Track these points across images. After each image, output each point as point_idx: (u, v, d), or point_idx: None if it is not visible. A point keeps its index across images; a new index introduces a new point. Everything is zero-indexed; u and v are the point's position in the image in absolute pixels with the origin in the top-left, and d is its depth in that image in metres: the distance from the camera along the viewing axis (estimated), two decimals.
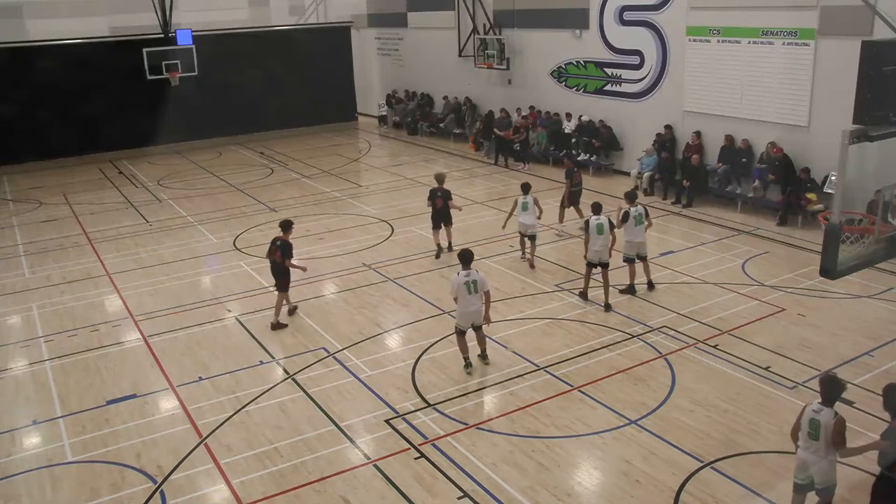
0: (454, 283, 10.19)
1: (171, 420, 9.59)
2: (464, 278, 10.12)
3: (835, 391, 6.82)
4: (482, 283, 10.23)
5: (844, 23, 15.17)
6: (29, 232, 18.01)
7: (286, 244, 12.13)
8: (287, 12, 32.77)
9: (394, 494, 7.98)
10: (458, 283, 10.12)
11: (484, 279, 10.33)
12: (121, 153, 26.14)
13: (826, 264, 7.86)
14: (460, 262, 10.37)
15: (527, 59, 24.26)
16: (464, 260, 10.32)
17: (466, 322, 10.31)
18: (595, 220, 12.36)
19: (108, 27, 27.84)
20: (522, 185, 14.89)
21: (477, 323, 10.38)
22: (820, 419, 6.73)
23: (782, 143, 16.70)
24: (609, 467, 8.35)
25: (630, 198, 13.02)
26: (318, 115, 29.85)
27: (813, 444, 6.81)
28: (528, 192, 14.52)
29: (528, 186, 14.76)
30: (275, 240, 12.22)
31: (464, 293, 10.10)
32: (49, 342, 11.97)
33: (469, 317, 10.26)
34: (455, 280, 10.18)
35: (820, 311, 12.05)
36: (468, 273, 10.18)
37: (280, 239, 12.14)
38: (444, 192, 14.87)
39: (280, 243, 12.08)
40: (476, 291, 10.17)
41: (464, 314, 10.23)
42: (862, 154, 10.76)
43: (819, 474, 6.86)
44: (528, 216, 14.28)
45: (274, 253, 12.08)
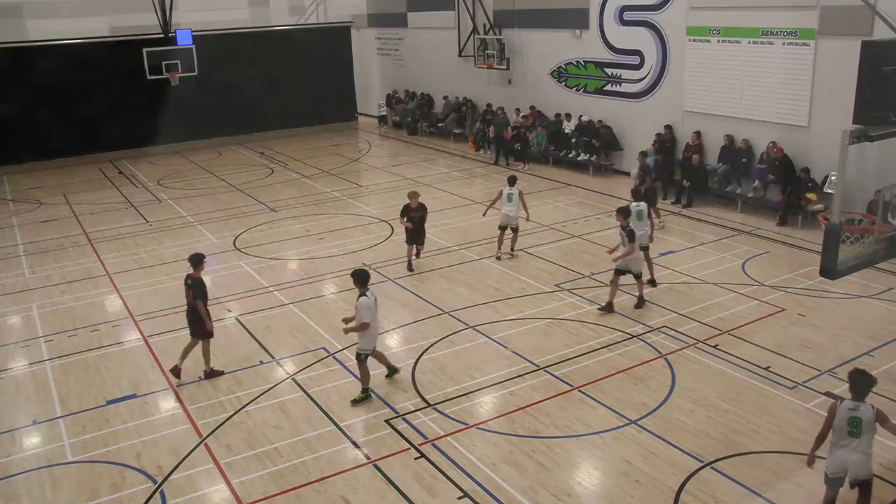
0: (368, 305, 9.39)
1: (171, 420, 9.58)
2: (372, 299, 9.48)
3: (867, 386, 6.94)
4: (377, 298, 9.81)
5: (844, 23, 15.17)
6: (29, 232, 18.01)
7: (198, 282, 10.33)
8: (287, 12, 32.78)
9: (394, 494, 7.98)
10: (371, 305, 9.44)
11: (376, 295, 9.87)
12: (121, 153, 26.14)
13: (826, 264, 7.86)
14: (358, 283, 9.51)
15: (527, 59, 24.26)
16: (362, 281, 9.52)
17: (373, 343, 9.78)
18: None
19: (108, 27, 27.85)
20: (509, 177, 15.00)
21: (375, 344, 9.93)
22: (861, 416, 6.80)
23: (782, 143, 16.70)
24: (609, 467, 8.35)
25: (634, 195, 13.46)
26: (318, 115, 29.86)
27: (853, 441, 6.84)
28: (514, 185, 14.66)
29: (515, 179, 14.92)
30: (186, 278, 10.50)
31: (374, 315, 9.55)
32: (49, 342, 11.97)
33: (376, 337, 9.84)
34: (367, 303, 9.40)
35: (820, 311, 12.05)
36: (371, 293, 9.56)
37: (191, 277, 10.36)
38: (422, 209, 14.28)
39: (191, 282, 10.31)
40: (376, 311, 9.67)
41: (372, 336, 9.66)
42: (862, 154, 10.76)
43: (859, 468, 6.90)
44: (513, 208, 14.44)
45: (187, 294, 10.37)
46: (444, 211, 18.17)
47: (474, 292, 13.22)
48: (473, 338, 11.47)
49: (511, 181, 14.79)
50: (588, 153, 21.51)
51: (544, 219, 17.31)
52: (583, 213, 17.75)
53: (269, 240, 16.64)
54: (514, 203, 14.44)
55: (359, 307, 9.42)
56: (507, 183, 14.76)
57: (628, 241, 11.87)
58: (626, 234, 11.89)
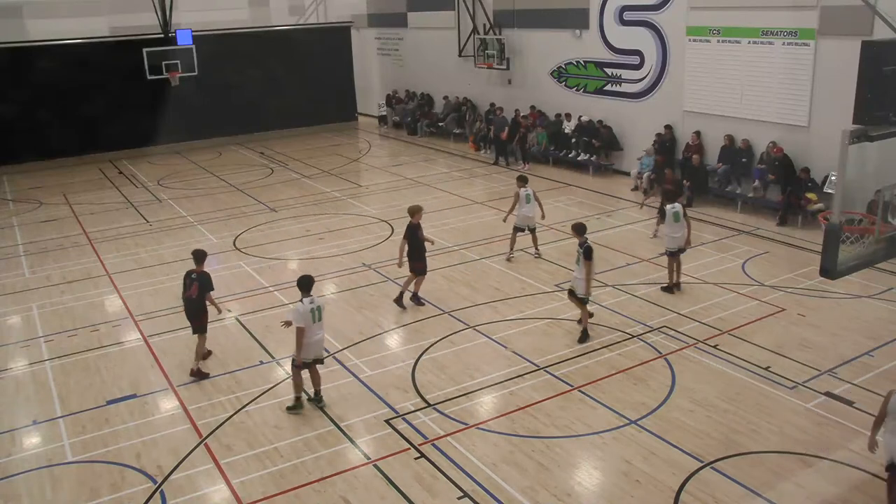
0: (301, 311, 9.17)
1: (171, 420, 9.58)
2: (309, 306, 9.24)
3: None
4: (323, 309, 9.51)
5: (844, 23, 15.17)
6: (29, 232, 18.00)
7: (204, 275, 10.53)
8: (287, 12, 32.78)
9: (394, 494, 7.98)
10: (304, 311, 9.17)
11: (324, 305, 9.60)
12: (121, 153, 26.14)
13: (826, 264, 7.85)
14: (301, 288, 9.39)
15: (527, 59, 24.26)
16: (306, 286, 9.38)
17: (310, 353, 9.38)
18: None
19: (108, 27, 27.85)
20: (521, 177, 14.86)
21: (319, 355, 9.56)
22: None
23: (782, 143, 16.70)
24: (609, 467, 8.35)
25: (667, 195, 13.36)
26: (318, 115, 29.86)
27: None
28: (528, 184, 14.61)
29: (526, 178, 14.87)
30: (189, 273, 10.61)
31: (309, 322, 9.24)
32: (49, 342, 11.97)
33: (314, 347, 9.39)
34: (301, 309, 9.18)
35: (820, 311, 12.05)
36: (311, 300, 9.31)
37: (196, 272, 10.53)
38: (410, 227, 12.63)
39: (196, 276, 10.48)
40: (320, 319, 9.41)
41: (308, 345, 9.29)
42: (862, 154, 10.76)
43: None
44: (531, 208, 14.41)
45: (190, 288, 10.46)
46: (444, 211, 18.17)
47: (474, 292, 13.22)
48: (473, 338, 11.47)
49: (523, 181, 14.67)
50: (588, 153, 21.51)
51: (544, 219, 17.29)
52: (583, 214, 17.73)
53: (269, 240, 16.64)
54: (532, 203, 14.40)
55: (291, 311, 9.46)
56: (520, 183, 14.60)
57: (584, 258, 10.92)
58: (584, 252, 10.92)
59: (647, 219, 17.30)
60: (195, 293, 10.38)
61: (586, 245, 10.96)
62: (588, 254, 10.88)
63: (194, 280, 10.39)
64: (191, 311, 10.58)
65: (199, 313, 10.53)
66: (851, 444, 8.49)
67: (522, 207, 14.44)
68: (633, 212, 17.85)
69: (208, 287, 10.44)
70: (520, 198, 14.44)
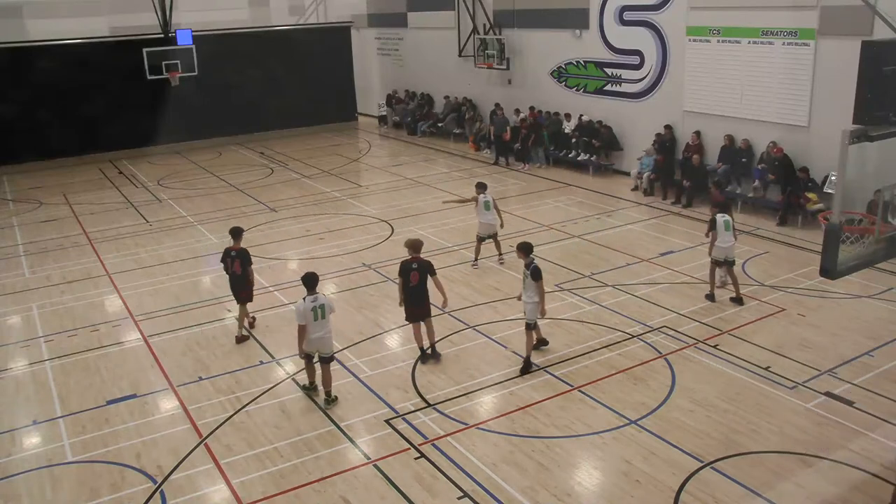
0: (300, 309, 9.38)
1: (171, 420, 9.59)
2: (310, 304, 9.39)
3: None
4: (329, 307, 9.59)
5: (844, 23, 15.17)
6: (29, 232, 18.00)
7: (242, 251, 11.36)
8: (287, 12, 32.78)
9: (394, 494, 7.98)
10: (304, 309, 9.36)
11: (331, 303, 9.71)
12: (121, 153, 26.14)
13: (826, 264, 7.84)
14: (304, 285, 9.57)
15: (527, 59, 24.26)
16: (309, 284, 9.54)
17: (312, 348, 9.60)
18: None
19: (108, 27, 27.84)
20: (479, 183, 14.43)
21: (324, 352, 9.63)
22: None
23: (782, 143, 16.70)
24: (609, 467, 8.35)
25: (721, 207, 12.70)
26: (318, 115, 29.85)
27: None
28: (487, 191, 14.20)
29: (485, 185, 14.43)
30: (228, 251, 11.40)
31: (310, 320, 9.39)
32: (49, 342, 11.97)
33: (314, 343, 9.53)
34: (301, 307, 9.38)
35: (820, 311, 12.05)
36: (314, 298, 9.46)
37: (234, 249, 11.34)
38: (423, 265, 10.57)
39: (235, 253, 11.31)
40: (323, 317, 9.49)
41: (310, 341, 9.50)
42: (862, 154, 10.76)
43: None
44: (491, 215, 14.04)
45: (233, 265, 11.30)
46: (444, 211, 18.16)
47: (474, 292, 13.22)
48: (473, 338, 11.47)
49: (482, 187, 14.18)
50: (588, 153, 21.51)
51: (544, 219, 17.32)
52: (583, 213, 17.75)
53: (269, 240, 16.63)
54: (492, 210, 14.01)
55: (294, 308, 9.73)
56: (479, 189, 14.11)
57: (532, 279, 10.09)
58: (531, 272, 10.04)
59: (647, 219, 17.33)
60: (238, 269, 11.34)
61: (533, 265, 10.04)
62: (536, 274, 9.98)
63: (234, 257, 11.32)
64: (235, 285, 11.53)
65: (243, 286, 11.50)
66: (851, 444, 8.49)
67: (482, 215, 14.05)
68: (633, 212, 17.86)
69: (248, 262, 11.34)
70: (478, 204, 14.06)
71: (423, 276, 10.43)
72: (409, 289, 10.45)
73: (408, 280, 10.44)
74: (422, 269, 10.47)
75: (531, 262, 10.16)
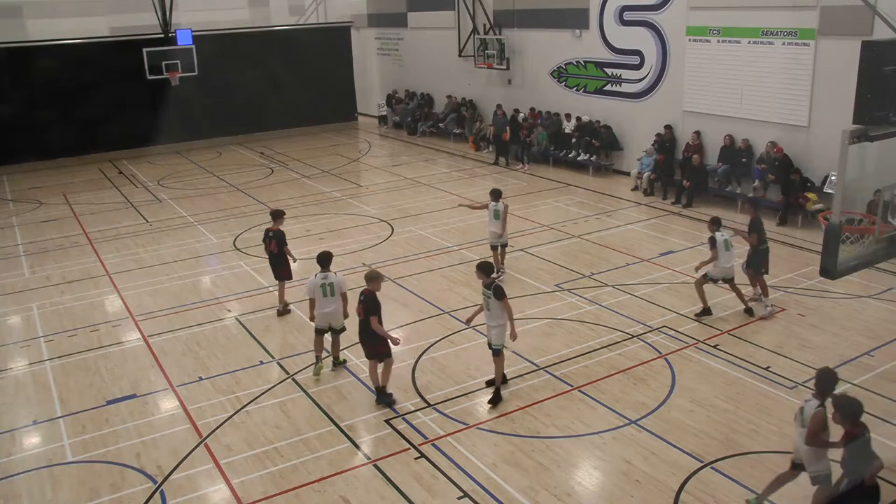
0: (309, 284, 10.12)
1: (171, 420, 9.58)
2: (320, 280, 10.06)
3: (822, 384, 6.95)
4: (339, 285, 10.16)
5: (844, 23, 15.16)
6: (29, 232, 18.00)
7: (279, 233, 12.25)
8: (287, 12, 32.78)
9: (394, 494, 7.98)
10: (314, 285, 10.07)
11: (342, 281, 10.25)
12: (121, 153, 26.14)
13: (826, 264, 7.85)
14: (318, 263, 10.26)
15: (527, 59, 24.26)
16: (322, 262, 10.21)
17: (323, 322, 10.24)
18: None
19: (108, 27, 27.85)
20: (494, 191, 13.72)
21: (335, 325, 10.27)
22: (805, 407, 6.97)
23: (782, 143, 16.70)
24: (609, 467, 8.35)
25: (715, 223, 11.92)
26: (318, 115, 29.86)
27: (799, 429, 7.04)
28: (500, 200, 13.51)
29: (500, 193, 13.71)
30: (267, 231, 12.43)
31: (319, 295, 10.07)
32: (49, 342, 11.97)
33: (325, 318, 10.18)
34: (310, 282, 10.13)
35: (820, 311, 12.05)
36: (325, 276, 10.11)
37: (272, 230, 12.30)
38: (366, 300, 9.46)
39: (272, 234, 12.25)
40: (332, 294, 10.08)
41: (319, 315, 10.18)
42: (862, 154, 10.78)
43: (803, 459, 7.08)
44: (499, 224, 13.44)
45: (270, 244, 12.27)
46: (444, 211, 18.17)
47: (474, 292, 13.17)
48: (473, 338, 11.46)
49: (496, 195, 13.55)
50: (588, 153, 21.51)
51: (544, 219, 17.32)
52: (583, 213, 17.75)
53: None
54: (500, 219, 13.41)
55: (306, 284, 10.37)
56: (492, 198, 13.53)
57: (496, 299, 9.35)
58: (493, 292, 9.33)
59: (647, 219, 17.33)
60: (275, 248, 12.16)
61: (495, 285, 9.37)
62: (499, 293, 9.28)
63: (272, 238, 12.20)
64: (272, 263, 12.41)
65: (279, 264, 12.32)
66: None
67: (491, 224, 13.55)
68: (633, 212, 17.87)
69: (282, 242, 12.14)
70: (488, 210, 13.58)
71: (367, 312, 9.41)
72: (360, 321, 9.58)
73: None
74: (366, 304, 9.39)
75: (492, 281, 9.45)
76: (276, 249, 12.20)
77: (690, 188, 18.01)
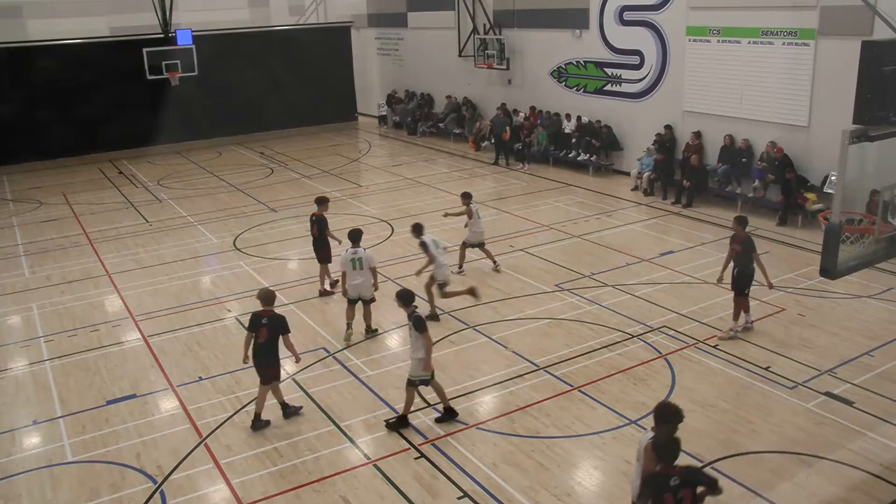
0: (341, 259, 11.34)
1: (171, 420, 9.59)
2: (350, 255, 11.23)
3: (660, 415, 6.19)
4: (368, 260, 11.30)
5: (844, 23, 15.16)
6: (29, 232, 18.00)
7: (321, 218, 13.06)
8: (287, 12, 32.77)
9: (394, 494, 7.98)
10: (345, 259, 11.25)
11: (371, 256, 11.44)
12: (121, 153, 26.14)
13: (826, 264, 7.85)
14: (349, 240, 11.43)
15: (527, 59, 24.25)
16: (353, 238, 11.40)
17: (354, 293, 11.34)
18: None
19: (108, 27, 27.85)
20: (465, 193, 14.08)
21: (365, 296, 11.38)
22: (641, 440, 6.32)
23: (782, 143, 16.70)
24: (609, 467, 8.35)
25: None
26: (318, 115, 29.85)
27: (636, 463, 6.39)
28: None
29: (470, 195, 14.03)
30: (311, 216, 13.30)
31: (349, 269, 11.19)
32: (49, 342, 11.97)
33: (355, 289, 11.29)
34: (343, 257, 11.32)
35: (820, 311, 12.05)
36: (355, 251, 11.26)
37: (315, 215, 13.15)
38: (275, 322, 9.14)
39: (315, 218, 13.12)
40: (361, 268, 11.24)
41: (350, 286, 11.28)
42: (862, 154, 10.78)
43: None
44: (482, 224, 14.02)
45: (312, 229, 13.16)
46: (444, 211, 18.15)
47: None
48: (473, 338, 11.47)
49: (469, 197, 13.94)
50: (588, 153, 21.51)
51: (544, 219, 17.32)
52: (583, 213, 17.75)
53: (270, 240, 16.64)
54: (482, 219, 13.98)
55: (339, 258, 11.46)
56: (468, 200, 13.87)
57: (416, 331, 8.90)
58: (413, 323, 8.98)
59: (647, 219, 17.33)
60: (316, 232, 13.01)
61: (415, 315, 8.94)
62: (419, 324, 8.84)
63: (314, 222, 13.08)
64: (314, 246, 13.19)
65: (320, 248, 13.08)
66: (851, 444, 8.49)
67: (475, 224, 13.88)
68: (633, 212, 17.87)
69: (324, 226, 12.98)
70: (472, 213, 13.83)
71: (274, 335, 9.05)
72: (256, 345, 9.06)
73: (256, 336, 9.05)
74: (272, 325, 9.07)
75: (412, 311, 9.00)
76: (318, 233, 13.00)
77: (690, 188, 18.01)
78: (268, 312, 9.13)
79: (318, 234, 13.04)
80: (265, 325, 9.00)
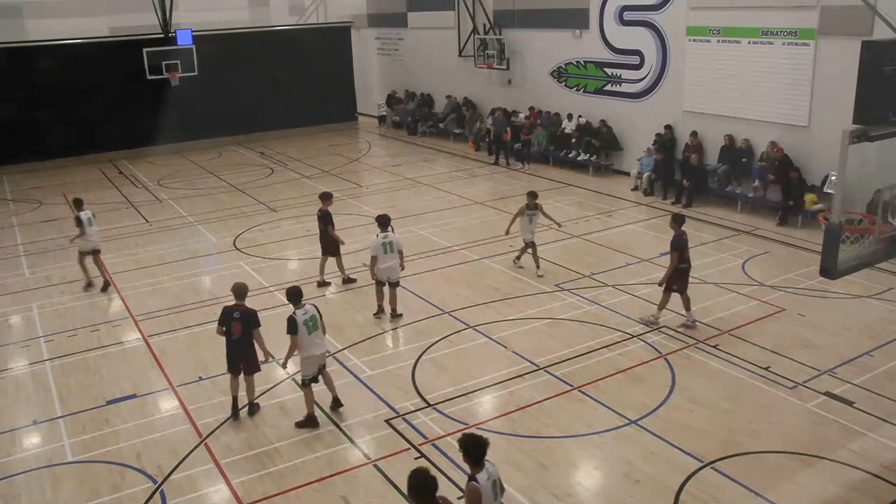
0: (373, 243, 11.79)
1: (171, 420, 9.58)
2: (381, 240, 11.72)
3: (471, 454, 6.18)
4: (397, 244, 11.88)
5: (844, 23, 15.17)
6: (29, 232, 18.00)
7: (325, 213, 13.38)
8: (287, 12, 32.78)
9: (394, 494, 7.98)
10: (377, 244, 11.72)
11: (399, 240, 11.98)
12: (121, 153, 26.13)
13: (826, 264, 7.85)
14: (378, 224, 11.88)
15: (527, 59, 24.26)
16: (382, 223, 11.84)
17: (383, 275, 11.85)
18: None
19: (108, 27, 27.84)
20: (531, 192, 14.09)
21: (392, 278, 11.94)
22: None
23: (782, 143, 16.70)
24: (609, 467, 8.35)
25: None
26: (318, 115, 29.84)
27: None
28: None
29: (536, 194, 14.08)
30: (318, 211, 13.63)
31: (381, 252, 11.67)
32: (49, 342, 11.97)
33: (384, 272, 11.82)
34: (374, 241, 11.81)
35: (820, 311, 12.05)
36: (385, 235, 11.76)
37: (321, 210, 13.46)
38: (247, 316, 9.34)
39: (321, 214, 13.45)
40: (391, 251, 11.76)
41: (381, 269, 11.76)
42: (862, 154, 10.79)
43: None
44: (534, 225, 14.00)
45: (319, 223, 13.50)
46: (444, 211, 18.17)
47: (474, 292, 13.21)
48: (473, 338, 11.47)
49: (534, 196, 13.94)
50: (588, 153, 21.51)
51: (544, 219, 17.29)
52: (583, 213, 17.75)
53: (270, 240, 16.64)
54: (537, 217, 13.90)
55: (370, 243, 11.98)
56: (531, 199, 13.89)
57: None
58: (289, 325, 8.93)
59: (647, 219, 17.33)
60: (322, 227, 13.39)
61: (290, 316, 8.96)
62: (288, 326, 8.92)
63: (319, 218, 13.45)
64: (320, 240, 13.59)
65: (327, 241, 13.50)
66: (851, 444, 8.49)
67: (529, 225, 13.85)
68: (633, 211, 17.87)
69: (327, 222, 13.39)
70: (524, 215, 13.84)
71: (247, 329, 9.17)
72: (230, 341, 9.21)
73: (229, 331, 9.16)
74: (245, 320, 9.17)
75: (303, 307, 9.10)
76: (322, 228, 13.46)
77: (690, 188, 18.01)
78: (240, 307, 9.29)
79: (323, 229, 13.42)
80: (237, 320, 9.19)
